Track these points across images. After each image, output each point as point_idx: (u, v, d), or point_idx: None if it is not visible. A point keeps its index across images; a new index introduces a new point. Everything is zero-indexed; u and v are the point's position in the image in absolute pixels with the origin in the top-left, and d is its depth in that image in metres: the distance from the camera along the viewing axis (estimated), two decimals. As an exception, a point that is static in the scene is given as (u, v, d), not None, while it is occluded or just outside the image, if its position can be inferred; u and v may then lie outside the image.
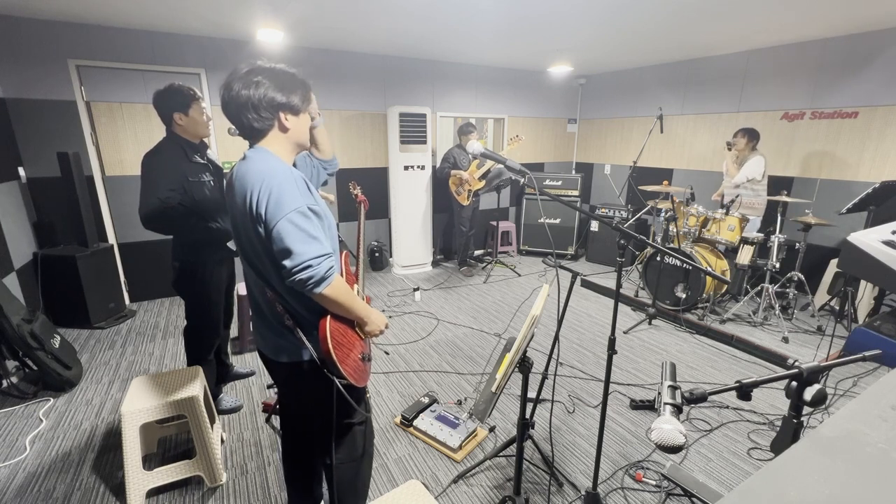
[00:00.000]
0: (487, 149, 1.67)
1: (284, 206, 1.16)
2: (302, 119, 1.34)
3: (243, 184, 1.22)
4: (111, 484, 2.09)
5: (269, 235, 1.18)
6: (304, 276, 1.17)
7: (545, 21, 3.58)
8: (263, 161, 1.24)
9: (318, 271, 1.18)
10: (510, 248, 6.13)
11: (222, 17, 3.46)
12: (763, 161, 3.94)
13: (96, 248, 3.75)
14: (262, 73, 1.26)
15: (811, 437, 0.72)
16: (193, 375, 2.11)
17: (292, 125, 1.31)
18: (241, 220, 1.26)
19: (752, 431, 2.46)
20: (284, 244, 1.16)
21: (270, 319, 1.38)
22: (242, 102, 1.24)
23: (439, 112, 5.55)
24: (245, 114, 1.25)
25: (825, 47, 4.06)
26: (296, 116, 1.32)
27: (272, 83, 1.25)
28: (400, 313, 4.11)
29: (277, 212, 1.16)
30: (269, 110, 1.26)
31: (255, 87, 1.23)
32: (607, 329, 3.74)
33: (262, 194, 1.17)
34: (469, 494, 2.04)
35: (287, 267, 1.17)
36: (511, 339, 1.56)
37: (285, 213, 1.16)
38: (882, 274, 2.52)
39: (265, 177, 1.19)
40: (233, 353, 3.31)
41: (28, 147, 3.66)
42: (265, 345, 1.44)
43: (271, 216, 1.16)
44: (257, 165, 1.23)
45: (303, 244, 1.17)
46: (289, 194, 1.17)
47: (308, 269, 1.17)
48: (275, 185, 1.17)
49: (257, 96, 1.24)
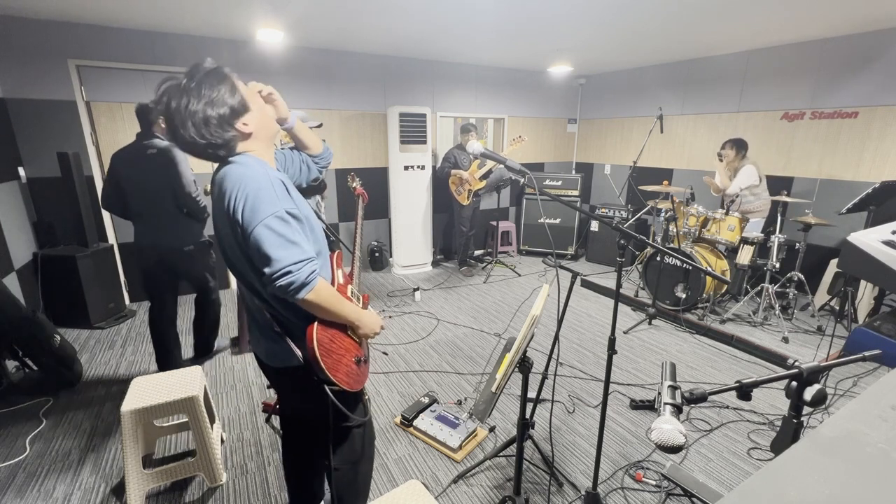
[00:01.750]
0: (487, 149, 1.67)
1: (260, 211, 1.11)
2: (254, 110, 1.23)
3: (222, 188, 1.18)
4: (111, 484, 2.09)
5: (248, 242, 1.14)
6: (284, 282, 1.12)
7: (545, 21, 3.57)
8: (241, 164, 1.18)
9: (298, 277, 1.13)
10: (510, 248, 6.13)
11: (222, 17, 3.46)
12: (754, 169, 3.94)
13: (96, 248, 3.75)
14: (185, 95, 1.12)
15: (811, 437, 0.72)
16: (193, 375, 2.11)
17: (251, 122, 1.21)
18: (222, 225, 1.21)
19: (752, 431, 2.46)
20: (263, 250, 1.12)
21: (262, 324, 1.35)
22: (202, 145, 1.16)
23: (439, 112, 5.55)
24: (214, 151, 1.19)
25: (825, 47, 4.06)
26: (248, 112, 1.21)
27: (203, 105, 1.13)
28: (400, 313, 4.11)
29: (254, 217, 1.11)
30: (224, 129, 1.16)
31: (191, 123, 1.12)
32: (607, 329, 3.74)
33: (238, 199, 1.13)
34: (469, 494, 2.04)
35: (266, 274, 1.13)
36: (511, 339, 1.56)
37: (262, 219, 1.11)
38: (882, 274, 2.52)
39: (241, 181, 1.14)
40: (233, 354, 3.32)
41: (28, 147, 3.66)
42: (259, 348, 1.43)
43: (248, 222, 1.12)
44: (234, 169, 1.18)
45: (281, 249, 1.12)
46: (265, 199, 1.12)
47: (288, 276, 1.12)
48: (251, 190, 1.12)
49: (205, 124, 1.13)
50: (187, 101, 1.12)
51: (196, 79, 1.15)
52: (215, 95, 1.15)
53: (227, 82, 1.18)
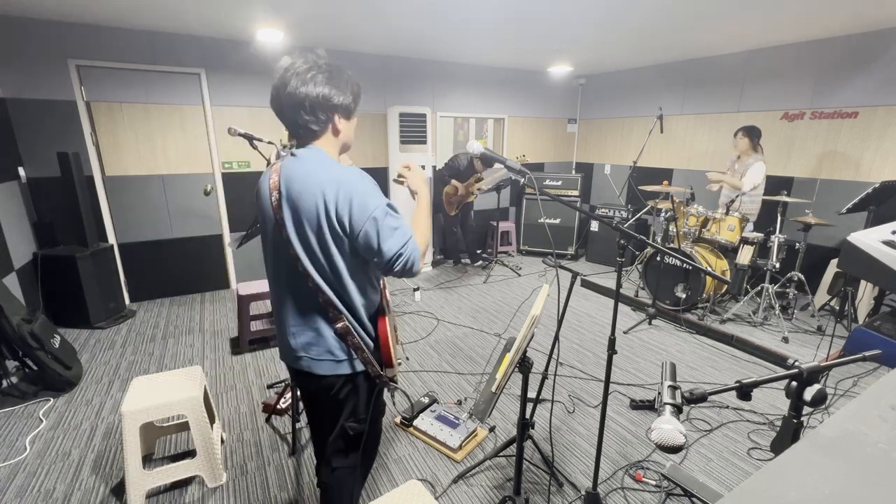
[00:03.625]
0: (488, 148, 1.67)
1: (368, 208, 1.19)
2: (352, 122, 1.36)
3: (307, 185, 1.19)
4: (111, 484, 2.09)
5: (356, 239, 1.21)
6: (399, 266, 1.22)
7: (545, 21, 3.57)
8: (327, 165, 1.23)
9: (408, 256, 1.22)
10: (510, 248, 6.13)
11: (223, 17, 3.46)
12: (764, 168, 3.92)
13: (96, 248, 3.75)
14: (321, 71, 1.23)
15: (811, 437, 0.72)
16: (193, 375, 2.11)
17: (343, 128, 1.31)
18: (298, 220, 1.22)
19: (752, 431, 2.46)
20: (373, 244, 1.20)
21: (319, 326, 1.31)
22: (299, 101, 1.21)
23: (439, 112, 5.55)
24: (301, 114, 1.23)
25: (825, 47, 4.06)
26: (348, 120, 1.32)
27: (329, 83, 1.23)
28: (400, 313, 4.11)
29: (363, 215, 1.19)
30: (325, 111, 1.25)
31: (313, 86, 1.21)
32: (607, 329, 3.74)
33: (342, 201, 1.18)
34: (469, 494, 2.04)
35: (382, 264, 1.22)
36: (511, 339, 1.56)
37: (369, 215, 1.19)
38: (882, 274, 2.52)
39: (341, 183, 1.19)
40: (233, 354, 3.32)
41: (28, 147, 3.66)
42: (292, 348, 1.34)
43: (357, 221, 1.19)
44: (324, 170, 1.21)
45: (389, 240, 1.20)
46: (370, 196, 1.21)
47: (400, 258, 1.21)
48: (355, 192, 1.19)
49: (314, 95, 1.21)
50: (323, 77, 1.27)
51: (341, 68, 1.33)
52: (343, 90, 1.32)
53: (357, 88, 1.39)
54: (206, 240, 4.52)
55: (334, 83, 1.24)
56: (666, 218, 4.05)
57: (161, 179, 4.23)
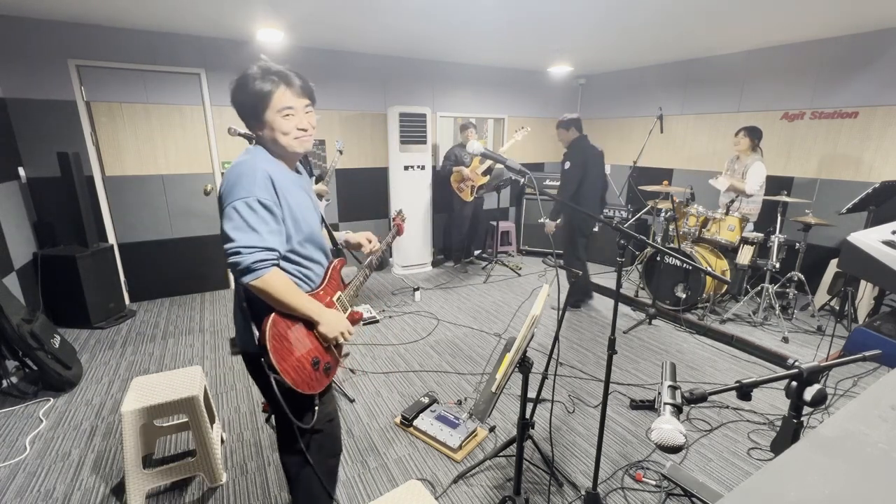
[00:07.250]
0: (487, 148, 1.67)
1: (234, 193, 1.22)
2: (269, 123, 1.29)
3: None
4: (111, 484, 2.09)
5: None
6: (232, 261, 1.21)
7: (545, 21, 3.57)
8: (244, 155, 1.32)
9: (244, 260, 1.20)
10: (510, 248, 6.13)
11: (222, 17, 3.46)
12: (764, 168, 3.91)
13: (96, 248, 3.75)
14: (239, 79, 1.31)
15: (811, 437, 0.72)
16: (193, 375, 2.11)
17: (265, 129, 1.32)
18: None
19: (752, 431, 2.46)
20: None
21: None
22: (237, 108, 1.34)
23: (439, 112, 5.55)
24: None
25: (825, 47, 4.06)
26: (259, 121, 1.31)
27: (239, 90, 1.30)
28: (400, 313, 4.11)
29: (227, 197, 1.23)
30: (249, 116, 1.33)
31: (236, 92, 1.30)
32: (607, 329, 3.74)
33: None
34: (469, 494, 2.04)
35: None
36: (511, 339, 1.56)
37: (232, 201, 1.21)
38: (882, 274, 2.52)
39: (232, 166, 1.27)
40: (233, 354, 3.32)
41: (28, 147, 3.66)
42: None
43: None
44: (237, 159, 1.31)
45: (238, 232, 1.21)
46: (243, 185, 1.22)
47: (236, 256, 1.20)
48: (233, 175, 1.24)
49: (236, 102, 1.31)
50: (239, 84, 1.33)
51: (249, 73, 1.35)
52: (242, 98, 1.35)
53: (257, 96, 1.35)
54: (206, 240, 4.52)
55: (237, 86, 1.30)
56: (666, 218, 4.05)
57: (161, 179, 4.23)
